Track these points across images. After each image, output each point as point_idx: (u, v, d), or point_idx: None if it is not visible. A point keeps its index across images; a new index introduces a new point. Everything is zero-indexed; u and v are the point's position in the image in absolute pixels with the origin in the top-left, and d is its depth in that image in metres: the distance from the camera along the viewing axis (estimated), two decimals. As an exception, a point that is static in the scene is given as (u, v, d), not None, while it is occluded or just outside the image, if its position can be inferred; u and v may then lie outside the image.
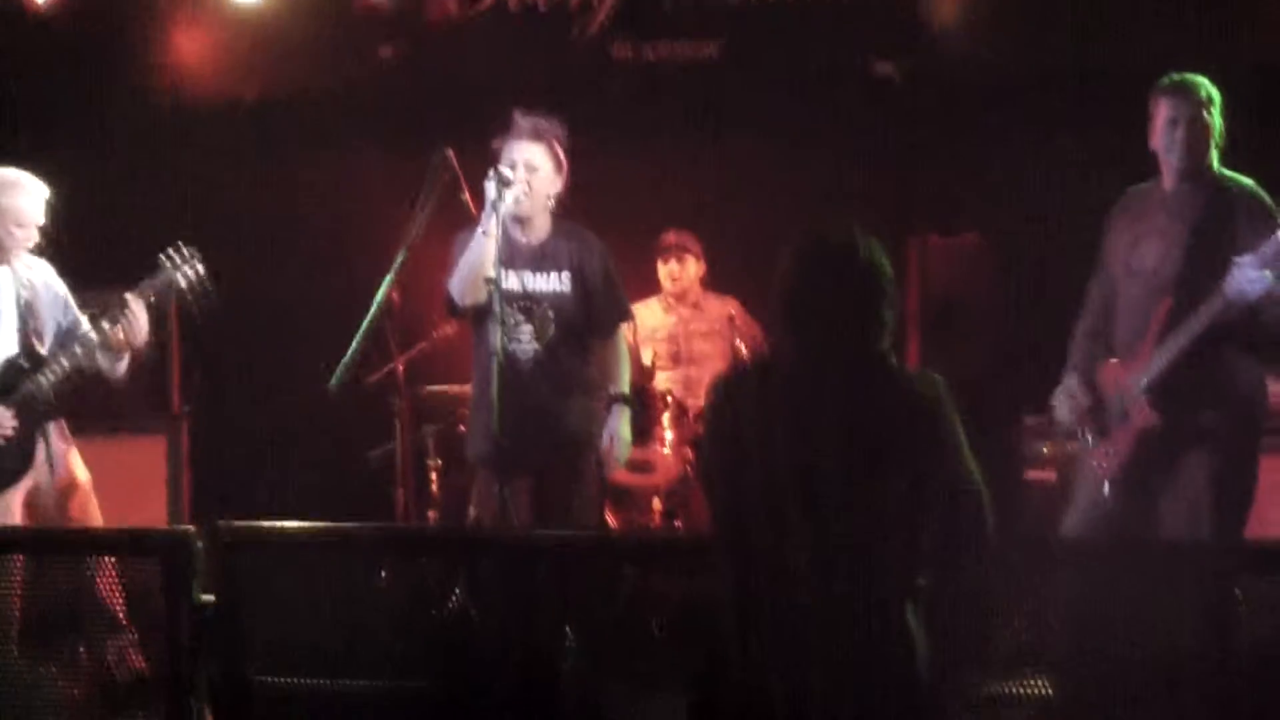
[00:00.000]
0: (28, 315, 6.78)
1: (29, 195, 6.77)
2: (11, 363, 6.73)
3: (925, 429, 4.18)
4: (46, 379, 6.71)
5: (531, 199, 6.60)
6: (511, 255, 6.60)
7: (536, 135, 6.65)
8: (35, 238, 6.83)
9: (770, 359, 4.47)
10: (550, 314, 6.64)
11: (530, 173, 6.60)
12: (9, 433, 6.62)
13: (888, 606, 4.15)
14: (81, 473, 6.90)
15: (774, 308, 4.35)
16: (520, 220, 6.65)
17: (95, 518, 6.86)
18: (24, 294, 6.79)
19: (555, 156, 6.68)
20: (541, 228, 6.74)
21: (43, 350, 6.78)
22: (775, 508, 4.17)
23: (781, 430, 4.19)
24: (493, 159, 6.59)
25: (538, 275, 6.67)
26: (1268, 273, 5.62)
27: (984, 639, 5.13)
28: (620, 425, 6.76)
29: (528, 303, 6.63)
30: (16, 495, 6.68)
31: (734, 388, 4.43)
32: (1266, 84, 7.71)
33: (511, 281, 6.60)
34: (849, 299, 4.22)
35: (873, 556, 4.14)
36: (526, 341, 6.62)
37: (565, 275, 6.69)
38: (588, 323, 6.75)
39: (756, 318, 8.58)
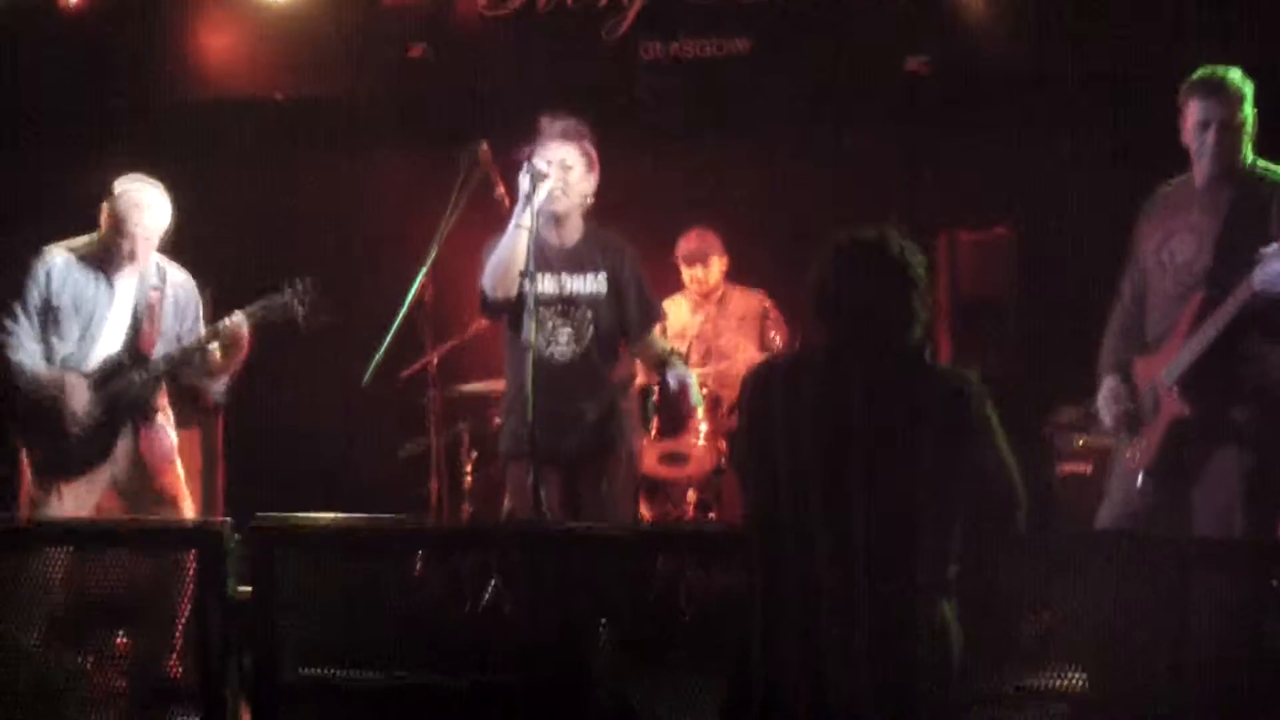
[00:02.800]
0: (144, 317, 6.91)
1: (141, 210, 6.89)
2: (113, 358, 6.86)
3: (956, 421, 4.23)
4: (139, 377, 6.84)
5: (567, 197, 6.61)
6: (547, 257, 6.61)
7: (567, 135, 6.66)
8: (154, 247, 6.96)
9: (803, 351, 4.52)
10: (589, 314, 6.64)
11: (565, 171, 6.60)
12: (85, 402, 6.74)
13: (917, 599, 4.16)
14: (176, 479, 7.02)
15: (808, 300, 4.40)
16: (556, 219, 6.65)
17: (180, 494, 7.01)
18: (150, 295, 6.93)
19: (587, 155, 6.69)
20: (575, 229, 6.75)
21: (150, 354, 6.90)
22: (805, 498, 4.19)
23: (812, 421, 4.22)
24: (517, 166, 6.60)
25: (574, 277, 6.67)
26: None
27: (1016, 630, 5.14)
28: (683, 372, 6.73)
29: (566, 305, 6.64)
30: (83, 486, 6.79)
31: (766, 379, 4.48)
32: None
33: (548, 285, 6.61)
34: (880, 290, 4.28)
35: (902, 548, 4.16)
36: (565, 343, 6.62)
37: (601, 276, 6.69)
38: (620, 324, 6.75)
39: (785, 312, 8.59)
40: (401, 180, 9.08)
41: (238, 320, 6.89)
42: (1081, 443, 7.60)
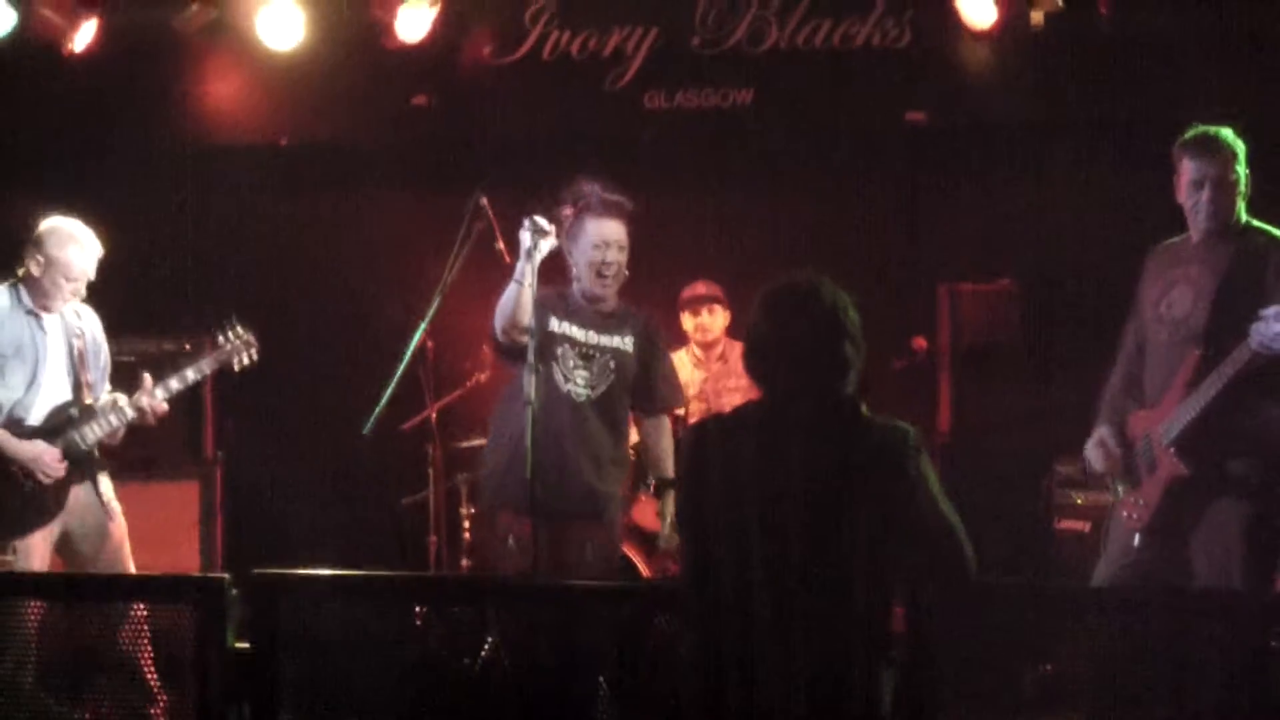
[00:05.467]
0: (79, 366, 6.86)
1: (81, 250, 6.82)
2: (62, 409, 6.80)
3: (890, 475, 4.18)
4: (92, 432, 6.80)
5: (615, 279, 6.65)
6: (580, 315, 6.65)
7: (621, 214, 6.69)
8: (83, 291, 6.90)
9: (741, 408, 4.50)
10: (611, 364, 6.64)
11: (620, 252, 6.63)
12: (60, 473, 6.67)
13: (849, 651, 4.14)
14: (120, 522, 6.94)
15: (743, 355, 4.41)
16: (595, 299, 6.69)
17: (128, 565, 6.90)
18: (75, 343, 6.87)
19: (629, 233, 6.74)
20: (611, 300, 6.78)
21: (91, 401, 6.86)
22: (743, 556, 4.18)
23: (748, 477, 4.21)
24: (564, 223, 6.59)
25: (602, 335, 6.70)
26: None
27: (1003, 684, 5.15)
28: (665, 511, 6.79)
29: (590, 350, 6.63)
30: (40, 538, 6.71)
31: (705, 434, 4.46)
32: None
33: (576, 332, 6.62)
34: (810, 340, 4.26)
35: (833, 601, 4.14)
36: (581, 386, 6.62)
37: (629, 338, 6.71)
38: (638, 390, 6.77)
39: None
40: (404, 228, 9.09)
41: (174, 387, 6.94)
42: (1080, 500, 7.59)
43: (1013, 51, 8.64)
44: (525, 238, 6.44)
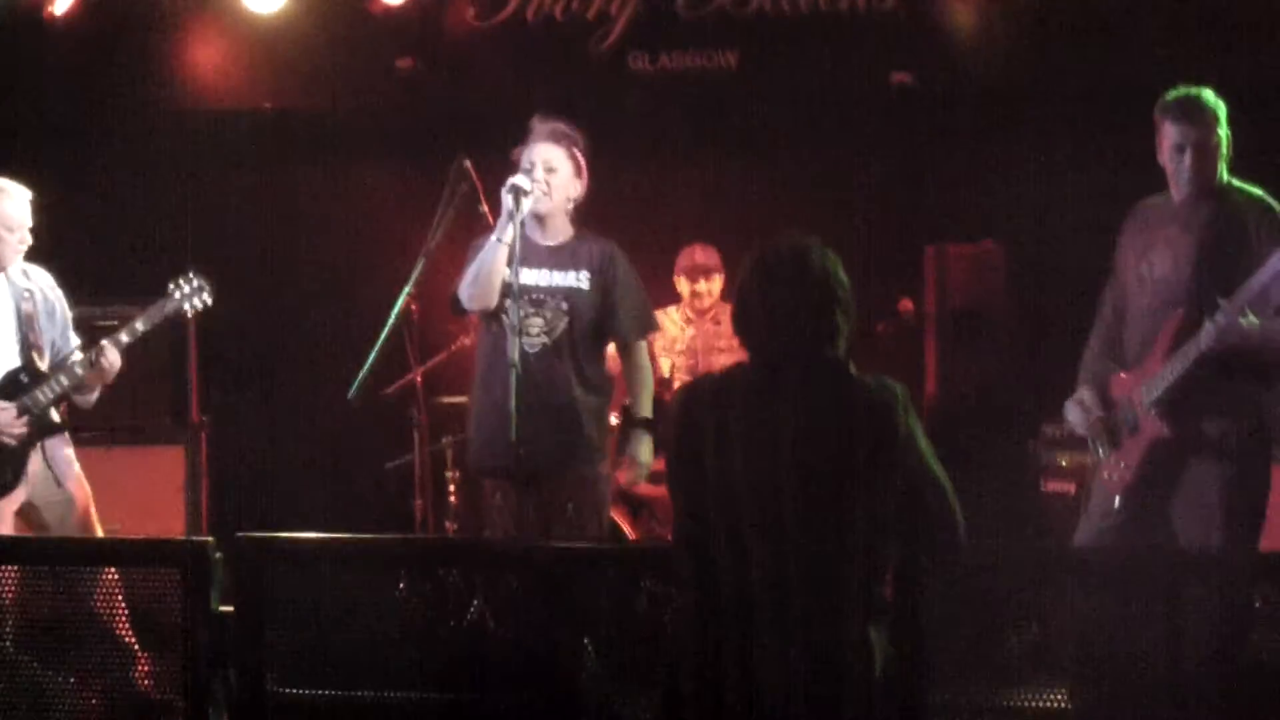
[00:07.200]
0: (27, 328, 6.74)
1: (12, 199, 6.70)
2: (12, 376, 6.68)
3: (882, 434, 4.14)
4: (45, 395, 6.68)
5: (550, 199, 6.59)
6: (529, 254, 6.54)
7: (555, 138, 6.64)
8: (28, 241, 6.76)
9: (730, 370, 4.45)
10: (563, 307, 6.57)
11: (549, 173, 6.58)
12: (16, 437, 6.59)
13: (845, 617, 4.12)
14: (83, 487, 6.85)
15: (733, 318, 4.37)
16: (539, 220, 6.63)
17: (94, 531, 6.82)
18: (24, 305, 6.74)
19: (575, 160, 6.66)
20: (561, 230, 6.70)
21: (42, 365, 6.75)
22: (732, 517, 4.16)
23: (741, 440, 4.18)
24: (512, 167, 6.59)
25: (555, 273, 6.61)
26: (1251, 318, 5.62)
27: (987, 647, 5.15)
28: (640, 449, 6.73)
29: (540, 295, 6.56)
30: (2, 507, 6.63)
31: (694, 397, 4.40)
32: (1269, 96, 7.70)
33: (527, 277, 6.53)
34: (801, 304, 4.20)
35: (829, 566, 4.12)
36: (536, 334, 6.52)
37: (584, 274, 6.64)
38: (605, 326, 6.72)
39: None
40: (389, 192, 9.09)
41: (106, 355, 6.75)
42: (1066, 462, 7.60)
43: (999, 13, 8.64)
44: (507, 200, 6.43)
